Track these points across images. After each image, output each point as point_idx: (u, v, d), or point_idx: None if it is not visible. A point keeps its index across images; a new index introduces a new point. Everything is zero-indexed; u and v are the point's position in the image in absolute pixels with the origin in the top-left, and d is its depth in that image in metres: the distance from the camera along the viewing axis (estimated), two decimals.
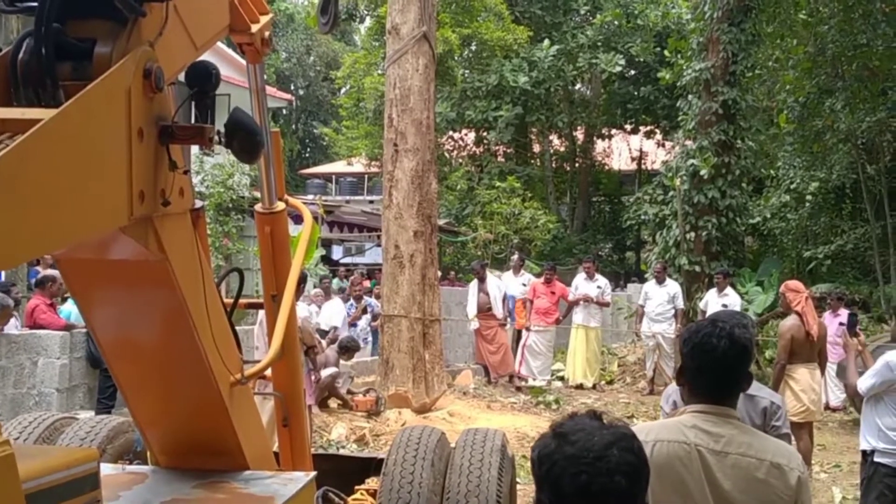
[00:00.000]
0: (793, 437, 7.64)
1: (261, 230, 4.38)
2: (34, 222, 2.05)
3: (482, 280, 13.89)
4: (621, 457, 1.76)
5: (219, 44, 20.91)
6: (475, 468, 4.64)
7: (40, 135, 2.03)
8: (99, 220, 2.41)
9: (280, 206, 4.39)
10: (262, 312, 7.83)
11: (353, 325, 14.19)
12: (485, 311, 13.68)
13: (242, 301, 4.09)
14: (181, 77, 3.00)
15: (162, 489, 3.42)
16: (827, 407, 12.06)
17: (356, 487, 5.22)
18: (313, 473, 3.88)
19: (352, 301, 14.76)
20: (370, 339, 14.41)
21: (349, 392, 10.33)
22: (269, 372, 4.53)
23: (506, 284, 14.37)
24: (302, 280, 7.73)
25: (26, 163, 1.98)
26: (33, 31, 2.39)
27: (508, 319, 14.11)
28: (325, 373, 9.76)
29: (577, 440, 1.79)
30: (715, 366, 2.74)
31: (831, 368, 10.90)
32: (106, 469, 3.65)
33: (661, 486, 2.47)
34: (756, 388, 4.27)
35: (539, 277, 15.24)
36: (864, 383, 5.55)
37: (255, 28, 3.78)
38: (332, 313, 12.80)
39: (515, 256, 15.94)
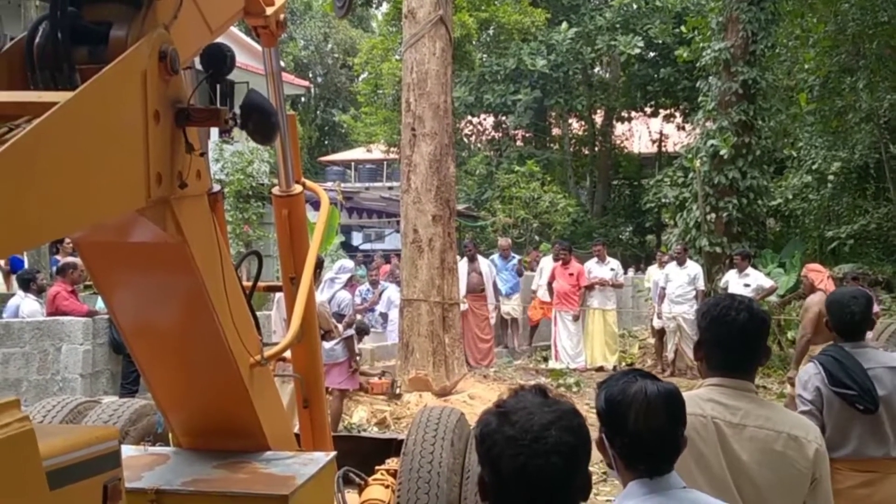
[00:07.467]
0: None
1: (278, 213, 4.41)
2: (52, 204, 2.05)
3: (472, 259, 13.70)
4: (559, 437, 1.75)
5: (238, 32, 20.99)
6: None
7: (57, 117, 2.03)
8: (116, 201, 2.42)
9: (297, 188, 4.42)
10: (278, 297, 7.89)
11: (371, 309, 14.22)
12: (477, 291, 13.54)
13: (261, 284, 4.11)
14: (197, 62, 3.02)
15: (183, 470, 3.46)
16: None
17: (376, 468, 5.25)
18: (333, 453, 3.89)
19: (368, 286, 14.77)
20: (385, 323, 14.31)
21: (363, 374, 10.35)
22: (289, 355, 4.59)
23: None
24: (319, 265, 7.79)
25: (43, 145, 1.99)
26: (49, 16, 2.40)
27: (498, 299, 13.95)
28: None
29: (517, 420, 1.78)
30: (733, 338, 2.73)
31: None
32: (128, 450, 3.70)
33: (679, 459, 2.46)
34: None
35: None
36: None
37: (269, 11, 3.80)
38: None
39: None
